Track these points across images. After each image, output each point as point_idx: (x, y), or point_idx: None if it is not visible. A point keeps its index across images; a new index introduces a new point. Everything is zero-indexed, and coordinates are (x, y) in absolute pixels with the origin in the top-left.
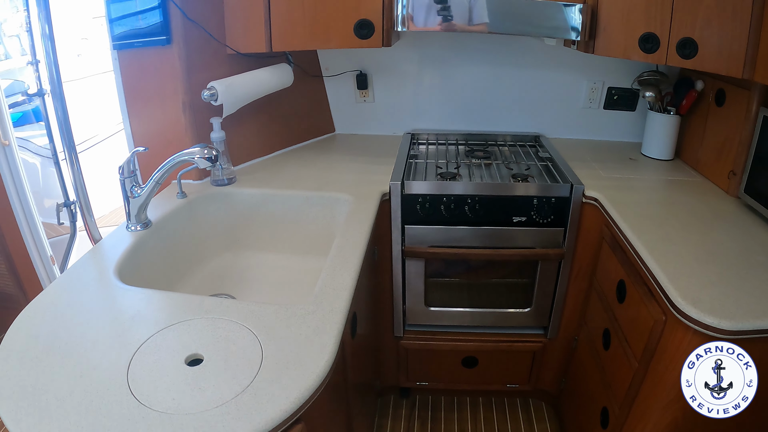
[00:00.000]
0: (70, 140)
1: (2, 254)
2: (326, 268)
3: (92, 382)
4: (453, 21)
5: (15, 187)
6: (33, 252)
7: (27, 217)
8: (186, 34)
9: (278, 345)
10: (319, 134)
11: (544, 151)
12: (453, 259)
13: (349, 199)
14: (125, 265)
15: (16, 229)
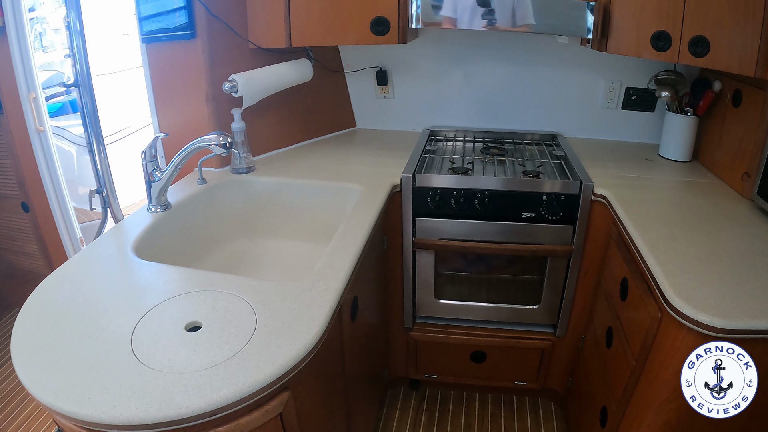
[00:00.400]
0: (98, 130)
1: (35, 236)
2: (327, 251)
3: (99, 342)
4: (464, 18)
5: (49, 172)
6: (64, 234)
7: (59, 201)
8: (209, 29)
9: (272, 317)
10: (340, 128)
11: (560, 149)
12: (462, 252)
13: (359, 190)
14: (142, 243)
15: (48, 212)
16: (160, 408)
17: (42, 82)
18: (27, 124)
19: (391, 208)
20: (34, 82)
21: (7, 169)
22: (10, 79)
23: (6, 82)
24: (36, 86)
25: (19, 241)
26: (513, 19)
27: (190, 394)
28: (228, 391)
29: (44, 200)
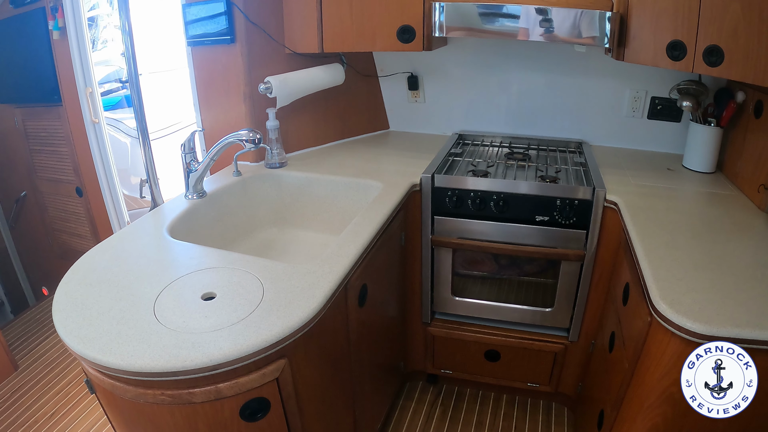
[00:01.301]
0: (143, 123)
1: (87, 219)
2: (338, 239)
3: (127, 304)
4: (482, 28)
5: (102, 160)
6: (113, 218)
7: (110, 188)
8: (248, 34)
9: (277, 293)
10: (373, 130)
11: (582, 157)
12: (478, 251)
13: (379, 186)
14: (177, 225)
15: (100, 197)
16: (169, 360)
17: (103, 77)
18: (83, 115)
19: (411, 206)
20: (90, 78)
21: (64, 155)
22: (69, 74)
23: (65, 77)
24: (92, 82)
25: (72, 223)
26: (530, 28)
27: (196, 351)
28: (228, 350)
29: (96, 186)
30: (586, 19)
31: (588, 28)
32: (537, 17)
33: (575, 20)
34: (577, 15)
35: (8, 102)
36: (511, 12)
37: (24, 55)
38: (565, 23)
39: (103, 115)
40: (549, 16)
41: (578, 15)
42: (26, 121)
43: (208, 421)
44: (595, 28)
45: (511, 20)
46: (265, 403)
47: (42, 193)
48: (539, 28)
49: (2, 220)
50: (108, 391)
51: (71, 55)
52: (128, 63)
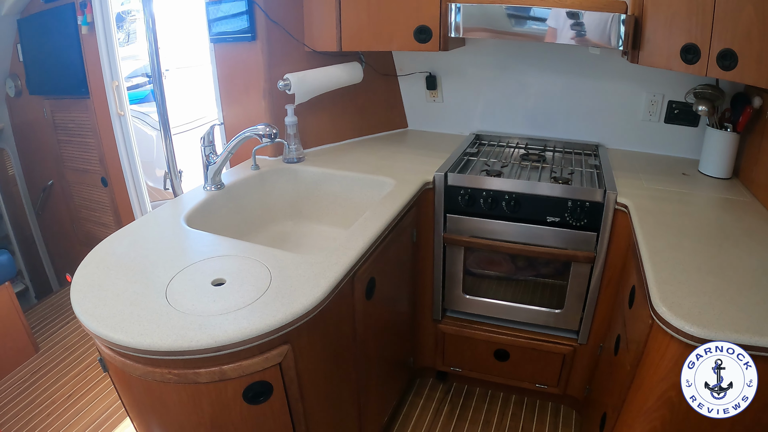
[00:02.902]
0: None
1: (111, 208)
2: (347, 233)
3: (141, 287)
4: (498, 29)
5: (126, 152)
6: (136, 208)
7: (134, 179)
8: (268, 32)
9: (283, 281)
10: (391, 128)
11: (596, 159)
12: (488, 250)
13: (392, 183)
14: (194, 215)
15: (124, 188)
16: (176, 340)
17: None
18: (109, 108)
19: (423, 203)
20: (117, 72)
21: (90, 146)
22: (96, 67)
23: (93, 70)
24: (119, 75)
25: (97, 212)
26: (544, 31)
27: (202, 332)
28: (232, 333)
29: (121, 177)
30: (600, 22)
31: (602, 30)
32: (552, 19)
33: (589, 22)
34: (591, 18)
35: (38, 93)
36: (527, 14)
37: (53, 48)
38: (578, 25)
39: (129, 108)
40: (562, 18)
41: (592, 17)
42: (55, 113)
43: (212, 401)
44: (609, 30)
45: (526, 22)
46: (267, 386)
47: (68, 182)
48: (553, 30)
49: (29, 207)
50: (119, 369)
51: (99, 49)
52: (151, 59)
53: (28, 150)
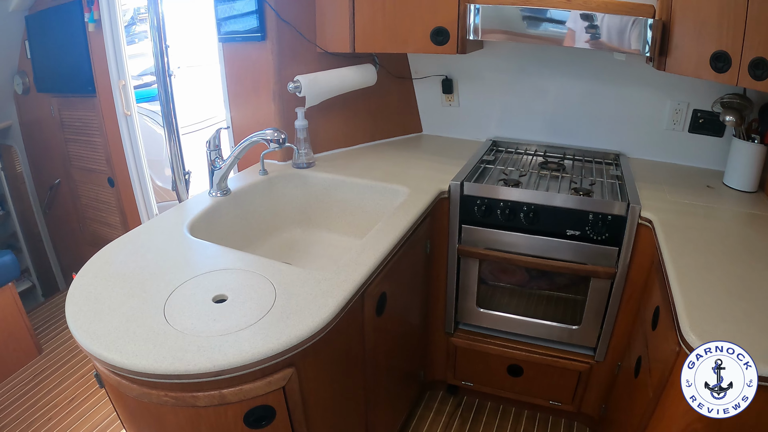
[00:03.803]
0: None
1: (118, 209)
2: (357, 246)
3: (139, 301)
4: (519, 32)
5: (133, 153)
6: (142, 210)
7: (140, 180)
8: (279, 32)
9: (289, 299)
10: (406, 132)
11: (618, 169)
12: (504, 263)
13: (406, 192)
14: (198, 222)
15: (130, 189)
16: (172, 362)
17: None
18: (116, 108)
19: (438, 213)
20: (124, 71)
21: (97, 146)
22: (103, 65)
23: (100, 69)
24: (126, 74)
25: (103, 212)
26: (568, 34)
27: (200, 355)
28: (232, 357)
29: (127, 177)
30: (625, 26)
31: (628, 35)
32: (575, 22)
33: (614, 26)
34: (616, 21)
35: (45, 91)
36: (549, 16)
37: (61, 45)
38: (603, 29)
39: (136, 107)
40: (587, 21)
41: (617, 21)
42: (62, 111)
43: (212, 425)
44: (635, 35)
45: (548, 24)
46: (270, 410)
47: (75, 181)
48: (577, 34)
49: (37, 205)
50: (115, 387)
51: (105, 47)
52: (156, 59)
53: (36, 148)
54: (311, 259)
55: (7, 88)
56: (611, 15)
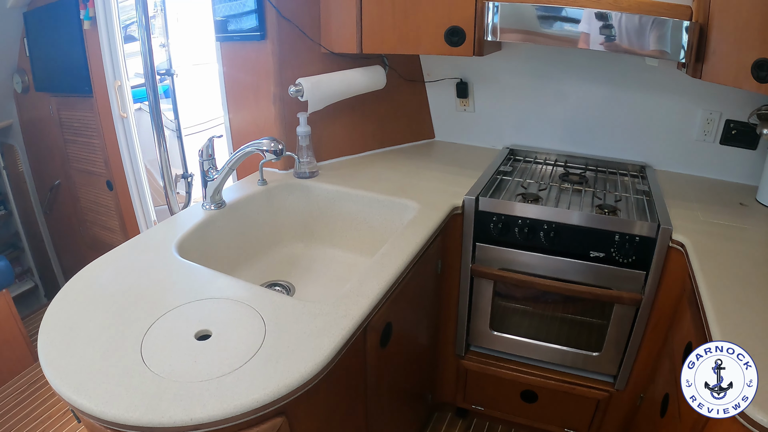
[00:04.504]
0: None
1: (116, 213)
2: (360, 272)
3: (116, 332)
4: (542, 32)
5: (129, 157)
6: (140, 216)
7: (137, 184)
8: (280, 31)
9: (279, 337)
10: (417, 139)
11: (645, 183)
12: (521, 286)
13: (416, 208)
14: (189, 238)
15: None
16: (145, 412)
17: None
18: (112, 109)
19: (451, 230)
20: (120, 71)
21: (96, 147)
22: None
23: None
24: (122, 75)
25: (103, 216)
26: (597, 37)
27: (177, 404)
28: (212, 409)
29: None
30: (659, 28)
31: (661, 38)
32: (603, 23)
33: (647, 29)
34: (649, 23)
35: (44, 90)
36: (576, 17)
37: (58, 43)
38: (634, 31)
39: (132, 109)
40: (616, 22)
41: (651, 23)
42: (61, 111)
43: None
44: (670, 39)
45: (574, 25)
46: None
47: (75, 183)
48: (604, 36)
49: (38, 206)
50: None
51: (101, 46)
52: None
53: (36, 148)
54: (312, 278)
55: (7, 87)
56: (644, 16)
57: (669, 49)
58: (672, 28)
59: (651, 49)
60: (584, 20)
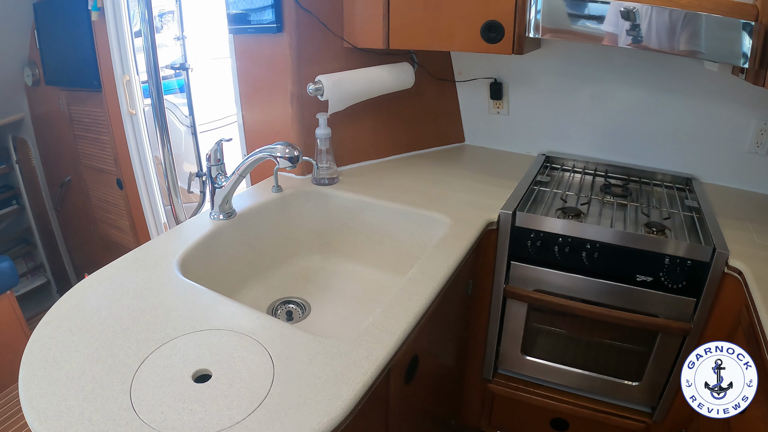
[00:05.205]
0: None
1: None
2: (384, 304)
3: (103, 369)
4: (592, 31)
5: (138, 154)
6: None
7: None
8: (299, 23)
9: (290, 383)
10: (445, 143)
11: (693, 198)
12: (558, 310)
13: (446, 223)
14: (193, 253)
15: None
16: None
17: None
18: (120, 105)
19: (483, 246)
20: (128, 65)
21: (105, 144)
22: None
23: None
24: (130, 69)
25: (113, 215)
26: (652, 37)
27: None
28: None
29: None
30: (721, 29)
31: (722, 40)
32: (664, 24)
33: (707, 29)
34: (711, 23)
35: (54, 84)
36: (633, 13)
37: (67, 35)
38: (693, 32)
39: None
40: (674, 22)
41: (713, 23)
42: (71, 105)
43: None
44: (731, 41)
45: (630, 23)
46: None
47: (85, 180)
48: (659, 37)
49: (49, 202)
50: None
51: (109, 39)
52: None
53: (47, 143)
54: (330, 296)
55: (18, 80)
56: (705, 14)
57: (729, 53)
58: (733, 30)
59: (709, 52)
60: (642, 18)
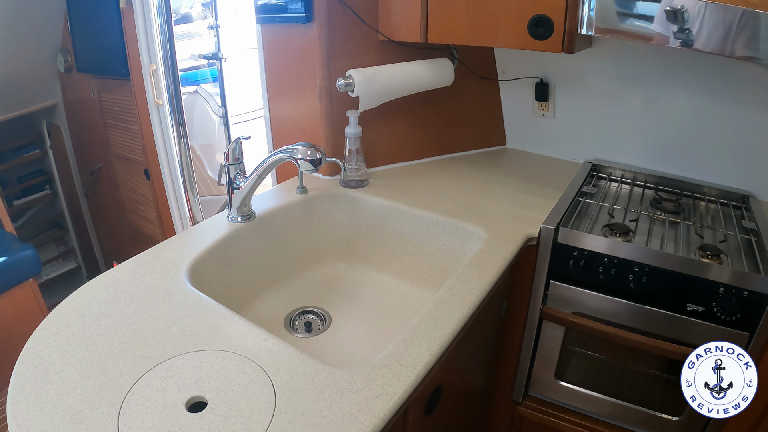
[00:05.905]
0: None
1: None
2: (406, 331)
3: (94, 387)
4: (654, 31)
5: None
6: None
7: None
8: (330, 13)
9: (292, 420)
10: (485, 145)
11: (751, 219)
12: (598, 337)
13: (482, 236)
14: (205, 259)
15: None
16: None
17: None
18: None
19: (521, 263)
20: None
21: (134, 134)
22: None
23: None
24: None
25: (141, 206)
26: (716, 39)
27: None
28: None
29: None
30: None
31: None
32: (730, 26)
33: (762, 30)
34: (765, 23)
35: (84, 71)
36: (699, 15)
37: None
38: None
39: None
40: (743, 25)
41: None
42: (101, 93)
43: None
44: None
45: (694, 23)
46: None
47: (115, 169)
48: (724, 40)
49: (80, 188)
50: None
51: (136, 26)
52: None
53: (79, 129)
54: (353, 307)
55: (51, 66)
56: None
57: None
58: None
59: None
60: (694, 17)
